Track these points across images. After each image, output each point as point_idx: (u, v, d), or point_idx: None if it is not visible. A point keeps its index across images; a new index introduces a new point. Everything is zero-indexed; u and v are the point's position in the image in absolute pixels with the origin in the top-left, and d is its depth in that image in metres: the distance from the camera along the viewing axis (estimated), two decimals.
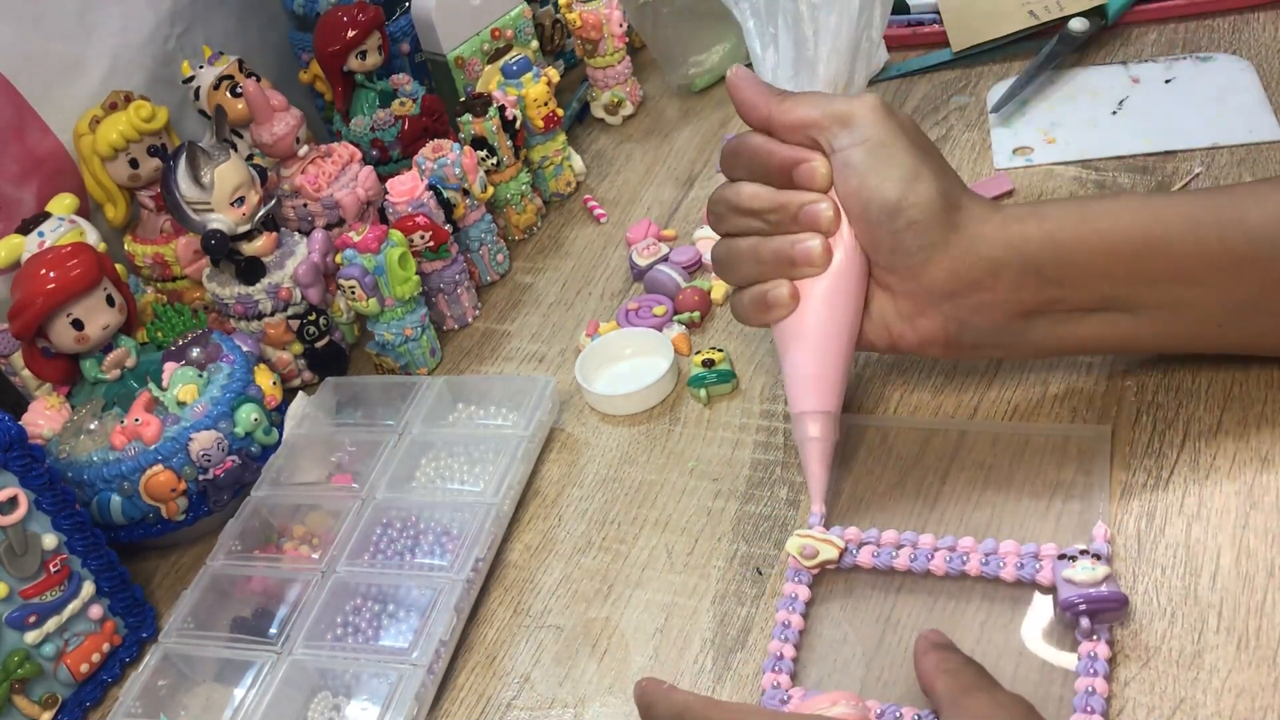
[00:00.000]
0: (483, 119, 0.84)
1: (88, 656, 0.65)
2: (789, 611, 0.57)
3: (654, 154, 0.96)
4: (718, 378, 0.71)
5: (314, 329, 0.80)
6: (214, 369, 0.73)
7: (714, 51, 0.99)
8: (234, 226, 0.76)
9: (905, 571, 0.58)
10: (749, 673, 0.56)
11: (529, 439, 0.70)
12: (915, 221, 0.56)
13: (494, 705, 0.59)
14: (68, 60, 0.84)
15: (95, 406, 0.72)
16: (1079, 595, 0.52)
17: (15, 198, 0.81)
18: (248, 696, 0.60)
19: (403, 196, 0.79)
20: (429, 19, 0.92)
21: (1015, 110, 0.85)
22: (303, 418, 0.75)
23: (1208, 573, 0.54)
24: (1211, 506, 0.56)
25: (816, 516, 0.60)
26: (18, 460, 0.61)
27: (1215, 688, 0.49)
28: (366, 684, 0.60)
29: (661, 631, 0.59)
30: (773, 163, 0.59)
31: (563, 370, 0.77)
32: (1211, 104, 0.80)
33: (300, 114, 0.83)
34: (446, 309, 0.83)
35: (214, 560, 0.68)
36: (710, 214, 0.63)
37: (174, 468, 0.69)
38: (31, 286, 0.67)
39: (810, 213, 0.59)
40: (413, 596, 0.63)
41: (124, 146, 0.80)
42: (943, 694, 0.49)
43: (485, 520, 0.65)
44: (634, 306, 0.79)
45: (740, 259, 0.61)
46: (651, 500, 0.67)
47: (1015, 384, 0.65)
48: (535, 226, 0.91)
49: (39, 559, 0.63)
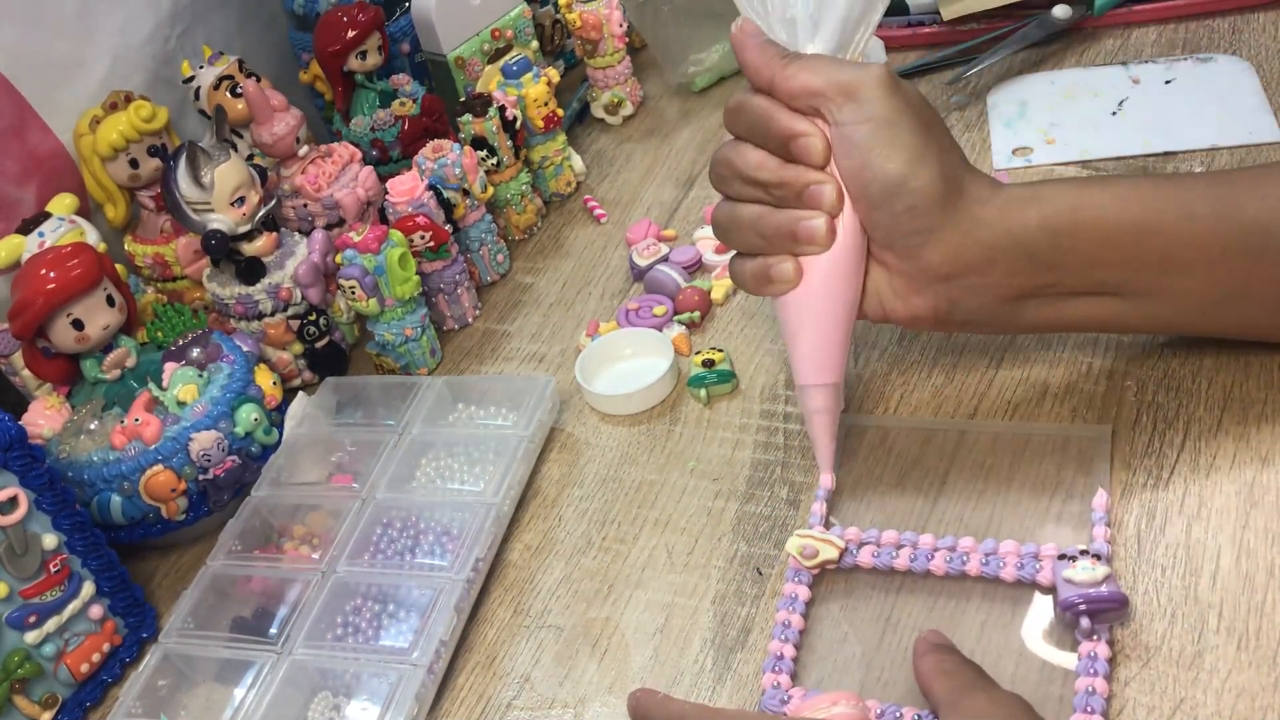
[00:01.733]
0: (483, 119, 0.84)
1: (88, 656, 0.65)
2: (789, 611, 0.57)
3: (654, 154, 0.96)
4: (718, 378, 0.71)
5: (314, 329, 0.80)
6: (214, 369, 0.73)
7: (714, 51, 0.99)
8: (234, 226, 0.76)
9: (905, 571, 0.58)
10: (749, 673, 0.56)
11: (529, 439, 0.70)
12: (915, 206, 0.56)
13: (494, 705, 0.59)
14: (68, 60, 0.83)
15: (95, 406, 0.72)
16: (1079, 595, 0.52)
17: (15, 198, 0.81)
18: (248, 696, 0.60)
19: (403, 196, 0.79)
20: (429, 19, 0.92)
21: (1016, 111, 0.85)
22: (303, 418, 0.75)
23: (1208, 573, 0.54)
24: (1211, 506, 0.56)
25: (826, 475, 0.62)
26: (18, 460, 0.61)
27: (1215, 688, 0.50)
28: (366, 684, 0.60)
29: (661, 631, 0.59)
30: (771, 129, 0.58)
31: (563, 370, 0.77)
32: (1211, 105, 0.80)
33: (300, 114, 0.83)
34: (446, 309, 0.83)
35: (214, 560, 0.68)
36: (713, 173, 0.61)
37: (174, 468, 0.69)
38: (31, 286, 0.67)
39: (814, 193, 0.58)
40: (413, 596, 0.63)
41: (124, 146, 0.80)
42: (941, 694, 0.49)
43: (485, 520, 0.65)
44: (634, 306, 0.79)
45: (743, 228, 0.60)
46: (651, 500, 0.67)
47: (1015, 384, 0.65)
48: (535, 226, 0.91)
49: (39, 559, 0.63)
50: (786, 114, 0.58)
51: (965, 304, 0.58)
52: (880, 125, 0.56)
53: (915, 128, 0.56)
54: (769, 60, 0.58)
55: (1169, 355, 0.63)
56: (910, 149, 0.56)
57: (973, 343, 0.68)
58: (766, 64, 0.58)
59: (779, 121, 0.58)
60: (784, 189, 0.58)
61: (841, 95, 0.56)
